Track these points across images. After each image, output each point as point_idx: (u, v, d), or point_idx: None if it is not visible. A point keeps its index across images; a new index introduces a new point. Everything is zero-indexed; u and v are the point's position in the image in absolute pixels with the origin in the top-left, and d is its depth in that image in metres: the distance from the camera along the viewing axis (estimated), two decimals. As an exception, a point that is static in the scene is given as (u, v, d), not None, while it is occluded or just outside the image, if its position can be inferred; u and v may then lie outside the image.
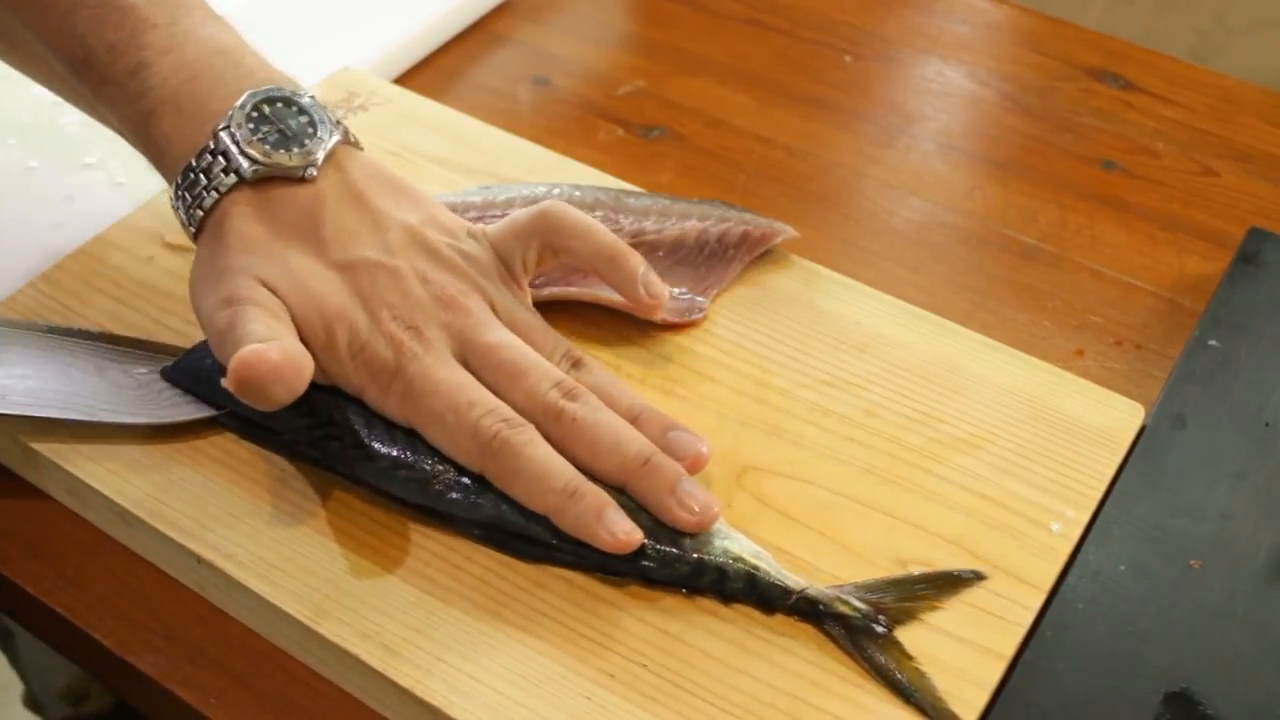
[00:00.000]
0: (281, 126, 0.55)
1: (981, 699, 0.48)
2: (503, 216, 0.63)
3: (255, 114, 0.54)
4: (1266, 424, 0.58)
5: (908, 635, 0.50)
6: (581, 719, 0.48)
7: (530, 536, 0.52)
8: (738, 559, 0.51)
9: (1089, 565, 0.53)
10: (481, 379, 0.53)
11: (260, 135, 0.54)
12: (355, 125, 0.71)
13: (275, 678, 0.52)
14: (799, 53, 0.84)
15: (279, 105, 0.55)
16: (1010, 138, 0.79)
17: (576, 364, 0.56)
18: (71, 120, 0.74)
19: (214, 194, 0.54)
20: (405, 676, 0.49)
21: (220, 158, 0.54)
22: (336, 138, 0.56)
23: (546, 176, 0.68)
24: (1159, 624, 0.51)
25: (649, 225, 0.64)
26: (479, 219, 0.63)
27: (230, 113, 0.54)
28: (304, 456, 0.55)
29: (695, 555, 0.51)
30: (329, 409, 0.54)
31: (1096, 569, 0.53)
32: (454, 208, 0.64)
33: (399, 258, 0.55)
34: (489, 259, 0.57)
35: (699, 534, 0.51)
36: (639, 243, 0.63)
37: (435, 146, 0.70)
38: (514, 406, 0.53)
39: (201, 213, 0.54)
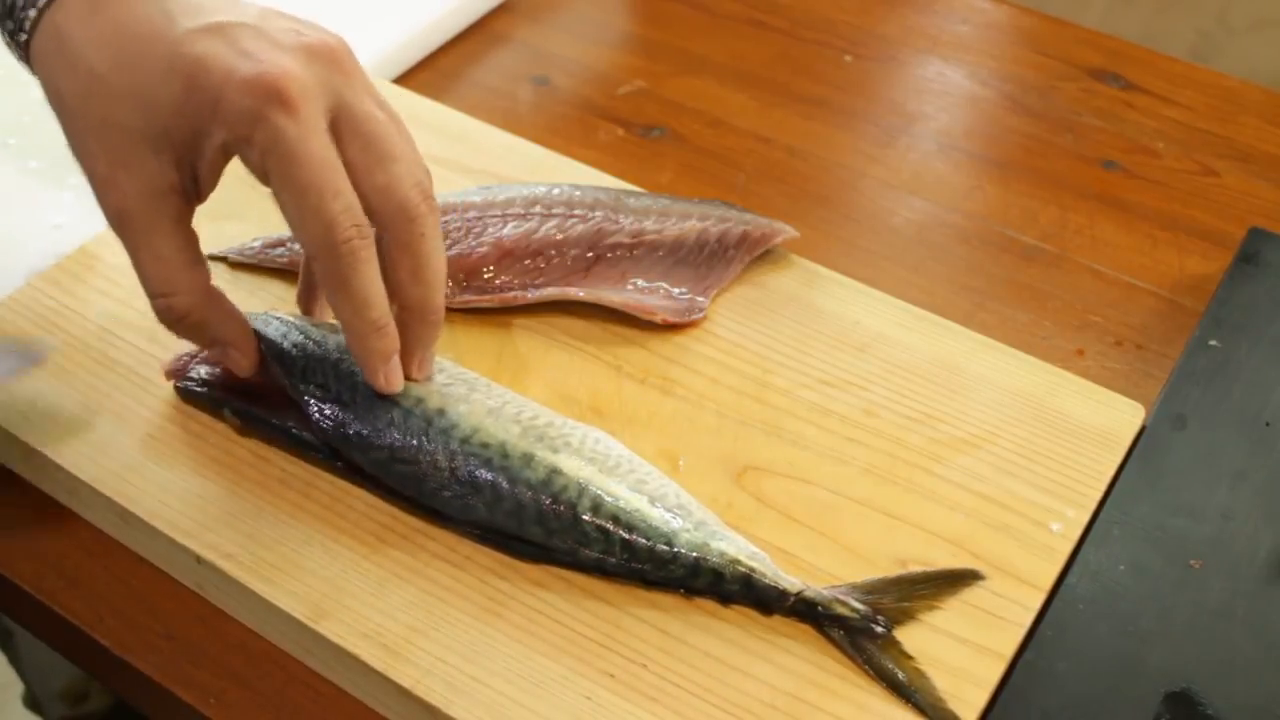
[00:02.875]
0: None
1: (981, 699, 0.48)
2: (502, 217, 0.63)
3: None
4: (1266, 424, 0.58)
5: (908, 635, 0.50)
6: (581, 719, 0.48)
7: (525, 539, 0.52)
8: (734, 561, 0.51)
9: (1089, 565, 0.53)
10: (346, 150, 0.50)
11: None
12: (355, 125, 0.71)
13: (275, 678, 0.52)
14: (799, 53, 0.84)
15: None
16: (1010, 138, 0.79)
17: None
18: (72, 120, 0.74)
19: (33, 9, 0.50)
20: (405, 676, 0.49)
21: None
22: None
23: (546, 176, 0.68)
24: (1159, 624, 0.51)
25: (649, 225, 0.64)
26: (479, 219, 0.63)
27: None
28: (307, 431, 0.55)
29: (692, 557, 0.51)
30: (341, 386, 0.54)
31: (1096, 569, 0.53)
32: (454, 208, 0.64)
33: (262, 22, 0.50)
34: None
35: (696, 536, 0.51)
36: (639, 242, 0.63)
37: (435, 146, 0.70)
38: (372, 187, 0.50)
39: (25, 35, 0.51)
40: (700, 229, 0.64)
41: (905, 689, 0.48)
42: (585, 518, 0.51)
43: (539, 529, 0.51)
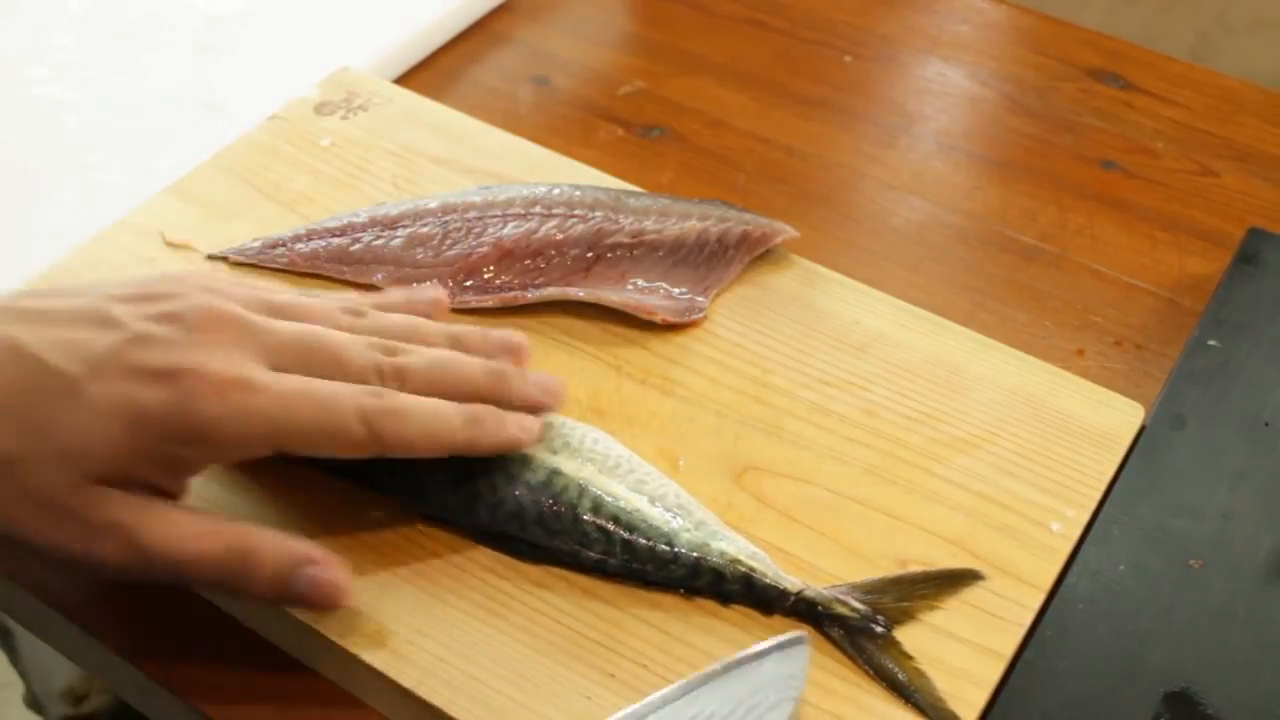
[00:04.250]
0: None
1: (981, 699, 0.48)
2: (502, 217, 0.64)
3: None
4: (1266, 424, 0.58)
5: (908, 635, 0.50)
6: (581, 719, 0.48)
7: (529, 541, 0.52)
8: (734, 560, 0.51)
9: (1089, 565, 0.53)
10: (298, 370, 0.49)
11: None
12: (355, 125, 0.71)
13: (275, 678, 0.52)
14: (799, 53, 0.84)
15: None
16: (1010, 138, 0.79)
17: (358, 314, 0.52)
18: (71, 120, 0.74)
19: None
20: (405, 676, 0.49)
21: None
22: None
23: (546, 176, 0.68)
24: (1159, 624, 0.51)
25: (649, 225, 0.64)
26: (479, 219, 0.63)
27: None
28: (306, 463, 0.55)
29: (693, 556, 0.51)
30: None
31: (1096, 569, 0.53)
32: (454, 208, 0.64)
33: (129, 323, 0.47)
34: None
35: (696, 536, 0.51)
36: (639, 242, 0.63)
37: (435, 146, 0.70)
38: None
39: None
40: (700, 229, 0.64)
41: (905, 689, 0.48)
42: (586, 518, 0.51)
43: (540, 530, 0.51)
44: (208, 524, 0.48)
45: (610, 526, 0.51)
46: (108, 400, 0.46)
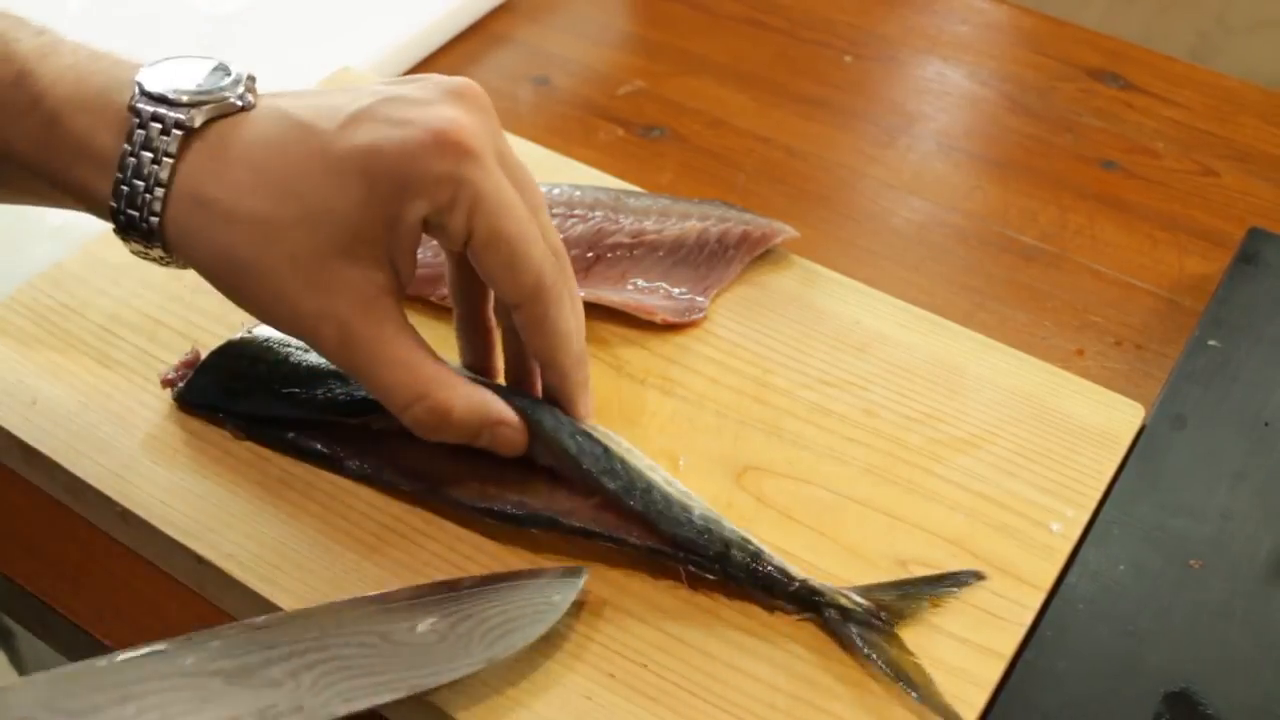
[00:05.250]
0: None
1: (981, 699, 0.48)
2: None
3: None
4: (1266, 424, 0.58)
5: (908, 635, 0.50)
6: (582, 718, 0.48)
7: (559, 448, 0.52)
8: (744, 539, 0.50)
9: (1089, 565, 0.53)
10: None
11: (180, 87, 0.48)
12: (355, 125, 0.71)
13: (275, 678, 0.52)
14: (799, 53, 0.84)
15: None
16: (1010, 138, 0.79)
17: None
18: (71, 120, 0.74)
19: (167, 164, 0.47)
20: (405, 676, 0.49)
21: (154, 123, 0.47)
22: (244, 69, 0.50)
23: (546, 176, 0.68)
24: (1159, 624, 0.51)
25: (649, 225, 0.64)
26: (479, 219, 0.63)
27: (137, 82, 0.48)
28: (310, 453, 0.55)
29: (704, 524, 0.50)
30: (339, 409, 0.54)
31: (1096, 569, 0.53)
32: (454, 208, 0.64)
33: (391, 90, 0.49)
34: None
35: (708, 513, 0.51)
36: (639, 242, 0.63)
37: (435, 146, 0.70)
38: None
39: (157, 218, 0.48)
40: (700, 229, 0.64)
41: (907, 685, 0.48)
42: (614, 453, 0.51)
43: (573, 441, 0.51)
44: (411, 360, 0.49)
45: (633, 476, 0.51)
46: (351, 147, 0.47)
